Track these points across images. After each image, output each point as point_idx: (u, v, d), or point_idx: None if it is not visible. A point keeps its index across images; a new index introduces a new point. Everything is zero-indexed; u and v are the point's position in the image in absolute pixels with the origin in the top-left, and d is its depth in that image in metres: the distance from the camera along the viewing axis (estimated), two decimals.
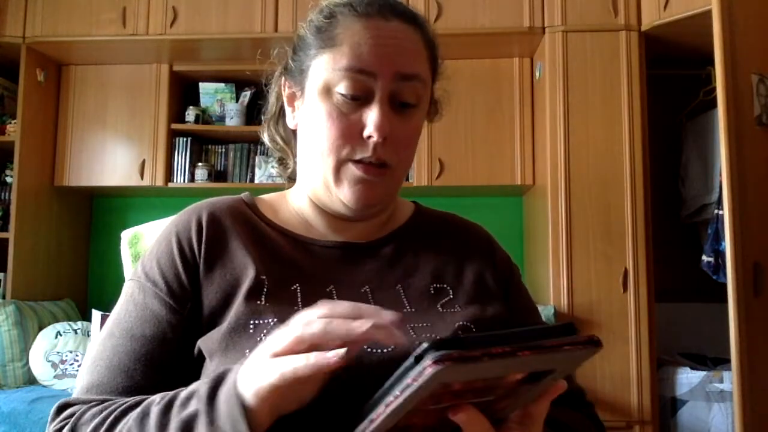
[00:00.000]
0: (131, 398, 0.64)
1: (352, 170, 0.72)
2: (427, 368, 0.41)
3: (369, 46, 0.70)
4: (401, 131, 0.72)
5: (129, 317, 0.71)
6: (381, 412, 0.47)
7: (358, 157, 0.71)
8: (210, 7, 2.90)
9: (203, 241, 0.74)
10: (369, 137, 0.70)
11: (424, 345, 0.42)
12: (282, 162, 0.87)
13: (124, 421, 0.60)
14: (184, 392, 0.58)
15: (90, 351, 0.72)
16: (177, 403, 0.57)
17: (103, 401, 0.65)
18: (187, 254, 0.73)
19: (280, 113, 0.83)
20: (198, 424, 0.54)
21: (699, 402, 2.44)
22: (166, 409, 0.57)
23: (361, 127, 0.70)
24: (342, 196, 0.73)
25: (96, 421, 0.62)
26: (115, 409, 0.62)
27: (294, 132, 0.82)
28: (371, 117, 0.70)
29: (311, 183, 0.78)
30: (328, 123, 0.71)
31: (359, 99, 0.71)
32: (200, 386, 0.57)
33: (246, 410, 0.51)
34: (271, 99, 0.85)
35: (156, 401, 0.59)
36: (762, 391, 1.92)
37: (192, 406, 0.55)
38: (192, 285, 0.71)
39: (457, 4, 2.79)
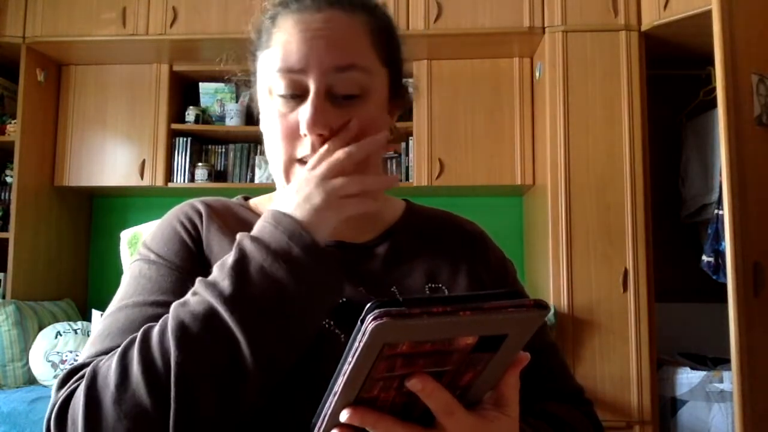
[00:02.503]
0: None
1: (300, 170, 0.69)
2: (368, 326, 0.42)
3: (296, 43, 0.68)
4: (347, 123, 0.69)
5: (142, 290, 0.68)
6: (340, 383, 0.47)
7: (299, 156, 0.69)
8: (210, 7, 2.90)
9: (203, 222, 0.74)
10: (305, 135, 0.68)
11: (368, 306, 0.43)
12: None
13: (159, 323, 0.58)
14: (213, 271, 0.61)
15: (96, 327, 0.68)
16: (213, 271, 0.59)
17: None
18: (191, 230, 0.73)
19: None
20: (248, 258, 0.58)
21: (699, 402, 2.44)
22: (203, 280, 0.59)
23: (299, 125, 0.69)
24: None
25: (121, 347, 0.58)
26: (130, 338, 0.59)
27: None
28: (302, 114, 0.68)
29: (279, 186, 0.78)
30: (272, 125, 0.71)
31: (297, 97, 0.69)
32: (226, 257, 0.61)
33: (295, 219, 0.60)
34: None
35: (187, 294, 0.60)
36: (762, 391, 1.92)
37: (232, 256, 0.59)
38: (200, 255, 0.72)
39: (457, 4, 2.79)
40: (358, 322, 0.44)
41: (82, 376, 0.59)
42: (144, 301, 0.67)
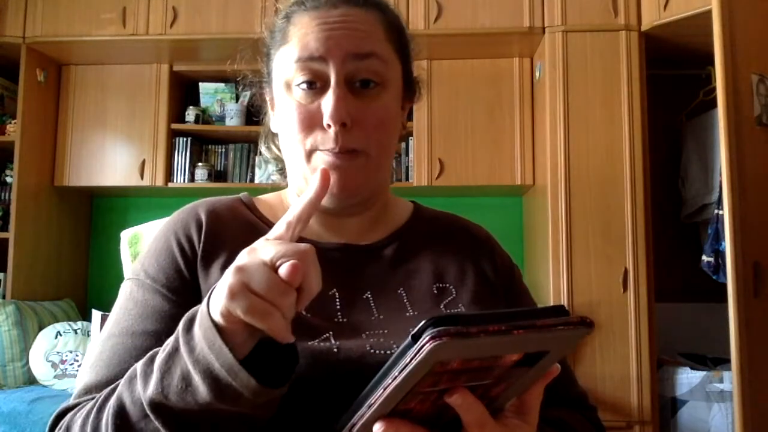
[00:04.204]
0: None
1: (322, 158, 0.70)
2: (425, 345, 0.42)
3: (315, 33, 0.70)
4: (366, 113, 0.70)
5: (128, 315, 0.69)
6: (379, 396, 0.47)
7: (323, 147, 0.70)
8: (210, 7, 2.90)
9: (202, 235, 0.73)
10: (328, 126, 0.69)
11: (422, 323, 0.43)
12: (282, 172, 0.87)
13: (116, 393, 0.58)
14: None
15: (88, 355, 0.71)
16: (159, 350, 0.56)
17: None
18: (186, 248, 0.72)
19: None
20: (178, 356, 0.53)
21: (699, 402, 2.43)
22: (150, 360, 0.56)
23: (321, 115, 0.69)
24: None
25: (88, 407, 0.60)
26: (103, 393, 0.61)
27: None
28: (325, 104, 0.68)
29: (296, 181, 0.78)
30: (292, 118, 0.71)
31: (316, 87, 0.70)
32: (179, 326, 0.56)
33: (218, 328, 0.51)
34: (268, 112, 0.85)
35: (141, 361, 0.58)
36: (762, 391, 1.92)
37: (170, 344, 0.55)
38: (192, 278, 0.71)
39: (457, 4, 2.79)
40: (409, 338, 0.43)
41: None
42: (127, 331, 0.68)
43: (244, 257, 0.52)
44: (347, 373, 0.58)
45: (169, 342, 0.55)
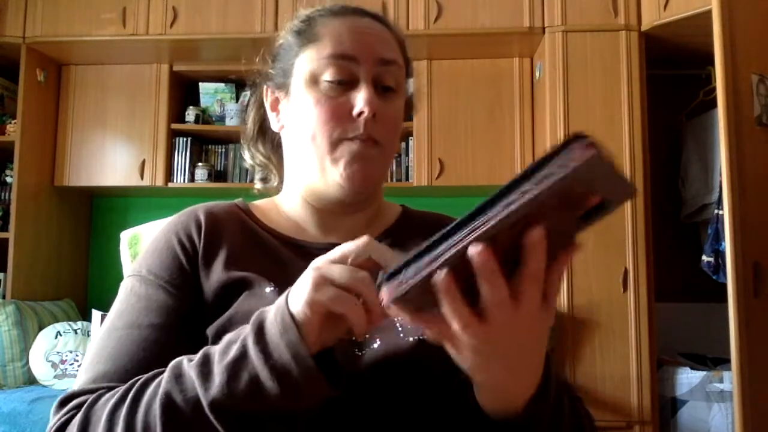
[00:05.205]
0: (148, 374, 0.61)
1: (348, 146, 0.74)
2: (586, 151, 0.39)
3: (349, 35, 0.76)
4: (386, 112, 0.76)
5: (132, 310, 0.70)
6: (496, 216, 0.42)
7: (350, 135, 0.74)
8: (210, 7, 2.91)
9: (202, 234, 0.76)
10: (360, 114, 0.73)
11: (563, 141, 0.41)
12: (265, 179, 0.91)
13: (152, 387, 0.58)
14: (221, 343, 0.58)
15: (90, 349, 0.70)
16: (216, 351, 0.57)
17: (112, 388, 0.62)
18: (187, 246, 0.74)
19: (259, 132, 0.88)
20: (247, 361, 0.55)
21: (699, 402, 2.43)
22: (205, 361, 0.57)
23: (350, 107, 0.74)
24: (338, 175, 0.74)
25: (115, 398, 0.59)
26: (134, 383, 0.60)
27: (276, 142, 0.86)
28: (360, 96, 0.73)
29: (303, 177, 0.79)
30: (318, 109, 0.74)
31: (345, 84, 0.75)
32: (241, 330, 0.57)
33: (298, 327, 0.54)
34: (249, 122, 0.89)
35: (185, 361, 0.58)
36: (762, 391, 1.92)
37: (235, 348, 0.56)
38: (193, 274, 0.73)
39: (457, 4, 2.79)
40: (549, 153, 0.41)
41: (76, 406, 0.62)
42: (132, 323, 0.69)
43: (313, 263, 0.56)
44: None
45: (232, 346, 0.56)
